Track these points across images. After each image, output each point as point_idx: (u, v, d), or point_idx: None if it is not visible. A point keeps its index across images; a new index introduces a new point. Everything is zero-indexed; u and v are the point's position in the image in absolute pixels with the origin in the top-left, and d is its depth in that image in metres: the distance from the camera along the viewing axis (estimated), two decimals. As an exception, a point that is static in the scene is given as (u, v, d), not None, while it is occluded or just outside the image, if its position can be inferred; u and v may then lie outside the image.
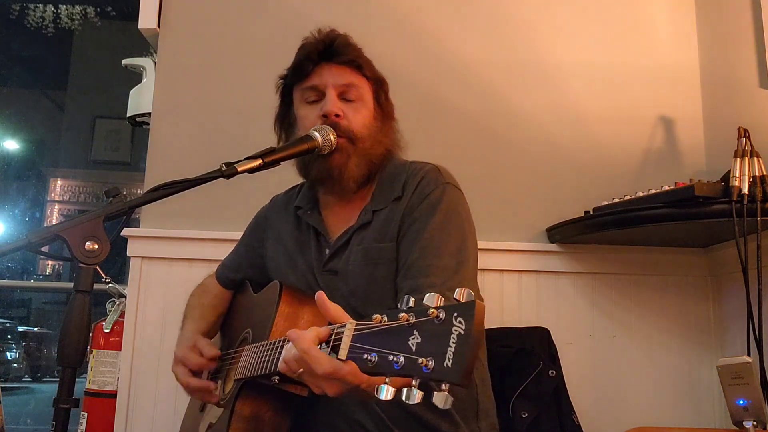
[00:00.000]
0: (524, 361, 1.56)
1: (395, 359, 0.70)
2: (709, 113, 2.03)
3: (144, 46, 2.26)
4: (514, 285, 1.92)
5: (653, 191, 1.63)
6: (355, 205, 1.34)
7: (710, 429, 1.89)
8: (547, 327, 1.69)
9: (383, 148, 1.34)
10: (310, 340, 0.85)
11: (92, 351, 1.96)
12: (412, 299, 0.75)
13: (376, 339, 0.74)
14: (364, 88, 1.33)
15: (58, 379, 0.98)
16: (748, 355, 1.52)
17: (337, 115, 1.28)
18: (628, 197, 1.71)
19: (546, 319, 1.86)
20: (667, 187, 1.59)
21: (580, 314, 1.93)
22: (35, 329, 9.92)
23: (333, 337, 0.84)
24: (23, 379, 9.16)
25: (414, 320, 0.70)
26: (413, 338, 0.69)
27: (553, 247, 1.94)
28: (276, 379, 1.06)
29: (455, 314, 0.67)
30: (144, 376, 1.87)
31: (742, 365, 1.37)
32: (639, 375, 1.91)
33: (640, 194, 1.66)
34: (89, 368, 1.96)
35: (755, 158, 1.57)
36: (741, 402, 1.38)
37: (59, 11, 8.88)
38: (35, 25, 8.81)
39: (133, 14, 2.14)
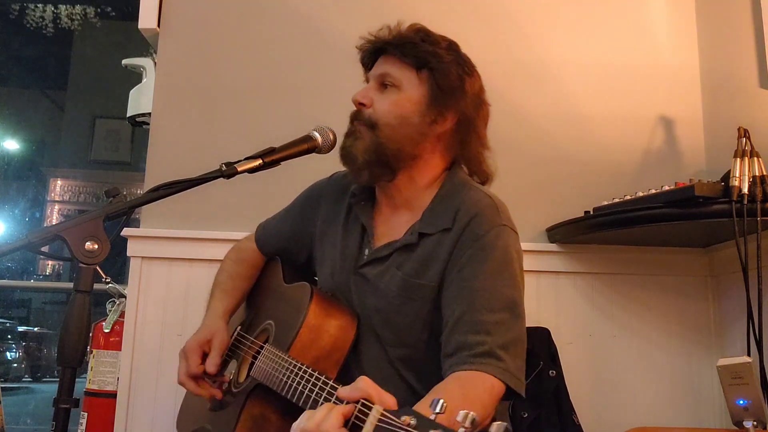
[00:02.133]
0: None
1: None
2: (709, 113, 2.03)
3: (144, 46, 2.26)
4: (514, 285, 1.92)
5: (653, 191, 1.63)
6: (403, 214, 1.28)
7: (710, 429, 1.89)
8: (547, 327, 1.69)
9: (414, 147, 1.23)
10: (337, 426, 0.83)
11: (92, 351, 1.96)
12: (444, 404, 0.73)
13: None
14: (404, 76, 1.24)
15: (58, 379, 0.98)
16: (748, 355, 1.52)
17: (361, 104, 1.25)
18: (628, 197, 1.71)
19: (546, 319, 1.86)
20: (667, 187, 1.59)
21: (580, 314, 1.93)
22: (35, 329, 9.93)
23: (355, 414, 0.83)
24: (23, 379, 9.17)
25: None
26: None
27: (553, 247, 1.94)
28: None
29: None
30: (144, 376, 1.87)
31: (742, 365, 1.37)
32: (639, 375, 1.91)
33: (640, 194, 1.66)
34: (89, 368, 1.96)
35: (755, 158, 1.57)
36: (741, 402, 1.38)
37: (59, 11, 8.89)
38: (35, 25, 8.82)
39: (133, 14, 2.14)
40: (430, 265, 1.19)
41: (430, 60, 1.24)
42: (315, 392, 1.02)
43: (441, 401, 0.73)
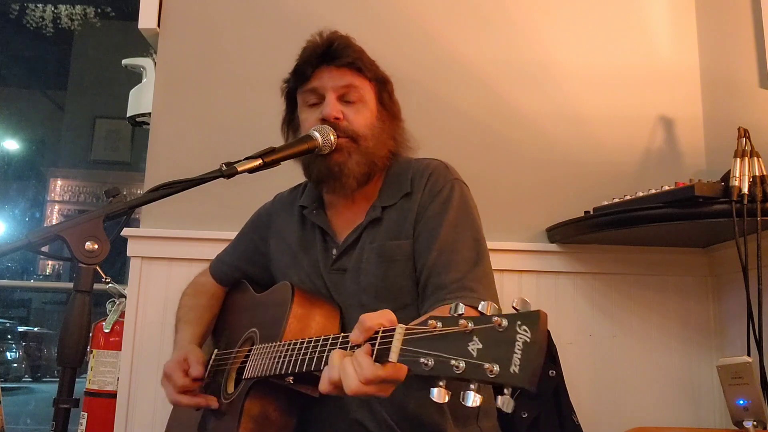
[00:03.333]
0: (524, 361, 1.56)
1: (456, 364, 0.71)
2: (709, 113, 2.03)
3: (144, 46, 2.26)
4: (514, 285, 1.92)
5: (653, 191, 1.63)
6: (361, 205, 1.34)
7: (710, 429, 1.89)
8: (547, 327, 1.69)
9: (386, 149, 1.34)
10: (367, 356, 0.83)
11: (92, 351, 1.96)
12: (462, 306, 0.76)
13: (431, 344, 0.75)
14: (365, 89, 1.33)
15: (58, 379, 0.98)
16: (748, 355, 1.52)
17: (337, 118, 1.28)
18: (628, 197, 1.71)
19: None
20: (667, 187, 1.59)
21: (580, 314, 1.93)
22: (35, 329, 9.93)
23: (378, 341, 0.83)
24: (23, 379, 9.17)
25: (473, 327, 0.72)
26: (473, 344, 0.71)
27: (553, 247, 1.94)
28: (290, 379, 1.07)
29: (518, 322, 0.69)
30: (144, 376, 1.87)
31: (742, 365, 1.38)
32: (639, 375, 1.91)
33: (640, 194, 1.66)
34: (89, 368, 1.96)
35: (755, 158, 1.57)
36: (741, 402, 1.38)
37: (59, 11, 8.88)
38: (35, 25, 8.81)
39: (133, 14, 2.14)
40: (402, 227, 1.28)
41: (377, 73, 1.36)
42: (327, 350, 0.98)
43: (461, 305, 0.76)
